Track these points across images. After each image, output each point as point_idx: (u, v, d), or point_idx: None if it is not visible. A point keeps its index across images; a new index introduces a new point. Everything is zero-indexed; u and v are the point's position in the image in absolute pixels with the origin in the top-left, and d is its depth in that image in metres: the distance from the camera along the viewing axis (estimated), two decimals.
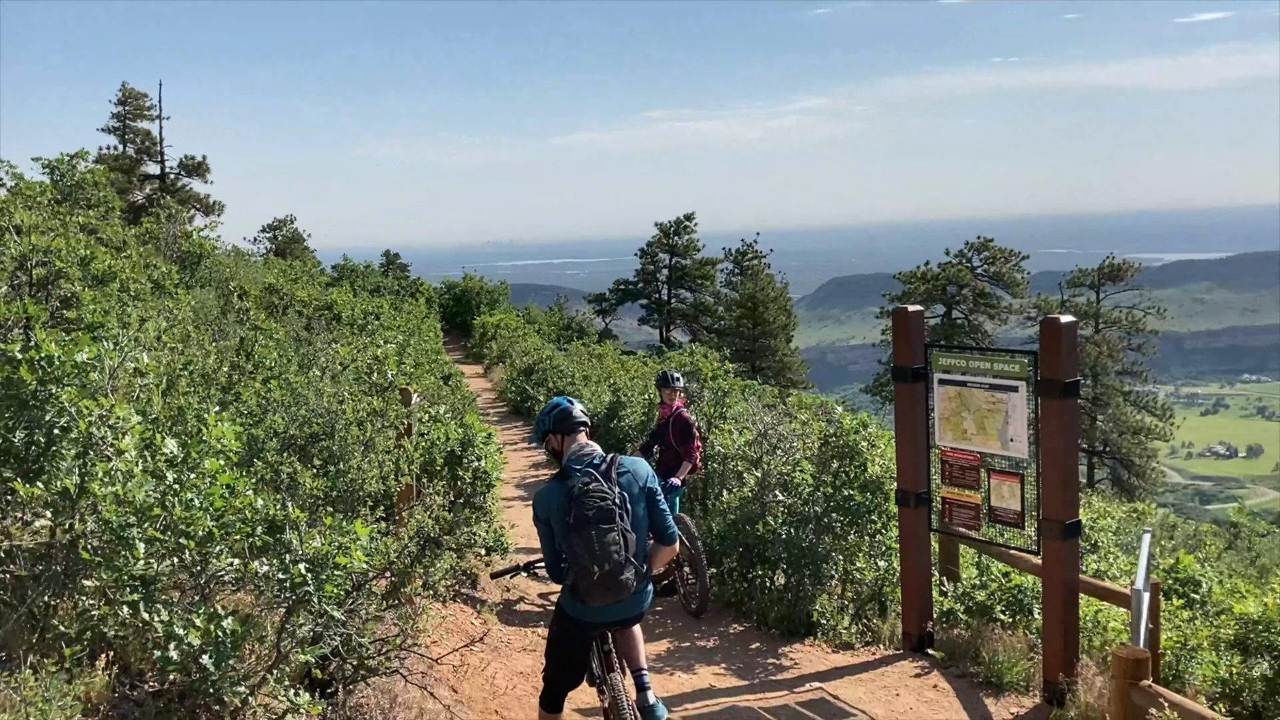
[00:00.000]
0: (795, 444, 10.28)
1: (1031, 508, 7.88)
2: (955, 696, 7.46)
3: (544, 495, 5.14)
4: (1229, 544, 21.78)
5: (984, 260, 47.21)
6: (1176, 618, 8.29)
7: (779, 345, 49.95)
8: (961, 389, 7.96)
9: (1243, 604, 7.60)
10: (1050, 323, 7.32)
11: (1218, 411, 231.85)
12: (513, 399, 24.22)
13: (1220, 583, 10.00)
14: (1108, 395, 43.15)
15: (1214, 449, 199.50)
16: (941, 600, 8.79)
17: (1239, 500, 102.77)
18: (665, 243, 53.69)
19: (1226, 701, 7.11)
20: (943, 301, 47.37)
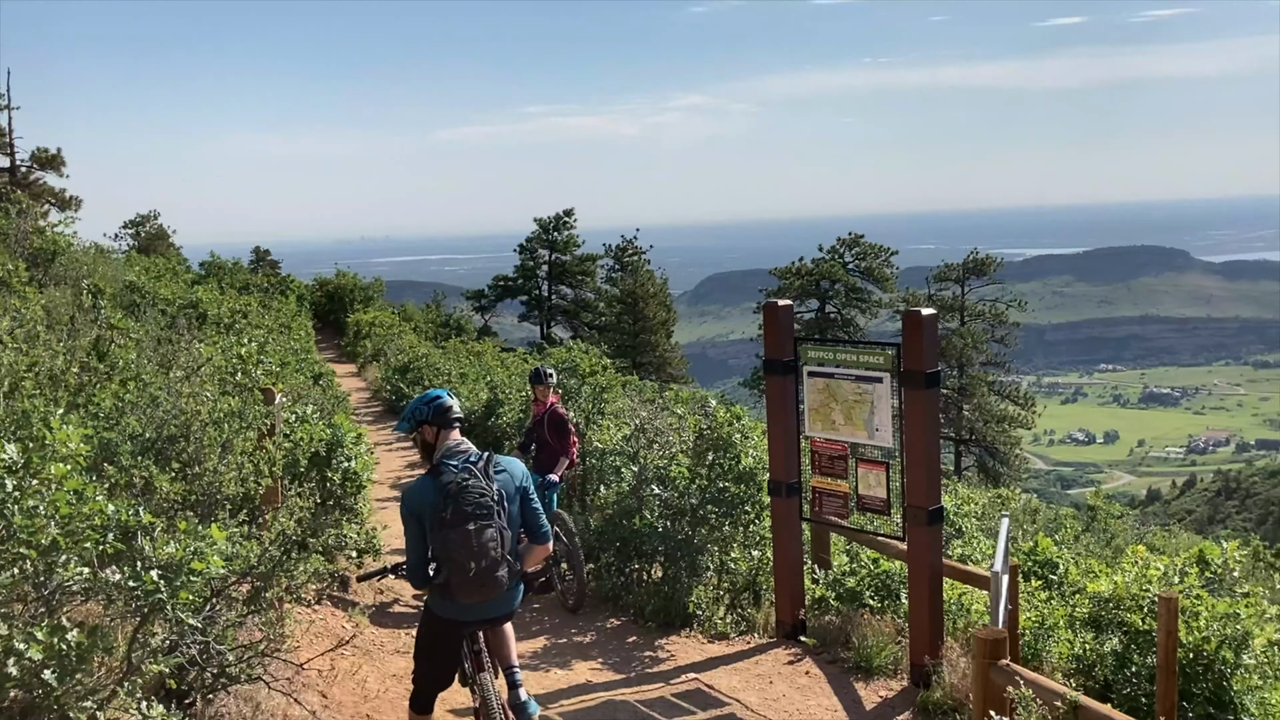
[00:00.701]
0: (671, 438, 10.35)
1: (897, 495, 8.11)
2: (827, 682, 7.62)
3: (416, 490, 5.04)
4: (1086, 526, 22.79)
5: (855, 256, 48.40)
6: (1035, 598, 8.63)
7: (659, 341, 50.31)
8: (830, 381, 8.12)
9: (1095, 584, 7.95)
10: (911, 316, 7.53)
11: (1077, 400, 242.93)
12: (387, 398, 23.80)
13: (1076, 564, 10.45)
14: (973, 385, 44.71)
15: (1074, 436, 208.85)
16: (813, 588, 8.98)
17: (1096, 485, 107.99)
18: (545, 239, 53.52)
19: (1080, 676, 7.44)
20: (816, 296, 48.38)
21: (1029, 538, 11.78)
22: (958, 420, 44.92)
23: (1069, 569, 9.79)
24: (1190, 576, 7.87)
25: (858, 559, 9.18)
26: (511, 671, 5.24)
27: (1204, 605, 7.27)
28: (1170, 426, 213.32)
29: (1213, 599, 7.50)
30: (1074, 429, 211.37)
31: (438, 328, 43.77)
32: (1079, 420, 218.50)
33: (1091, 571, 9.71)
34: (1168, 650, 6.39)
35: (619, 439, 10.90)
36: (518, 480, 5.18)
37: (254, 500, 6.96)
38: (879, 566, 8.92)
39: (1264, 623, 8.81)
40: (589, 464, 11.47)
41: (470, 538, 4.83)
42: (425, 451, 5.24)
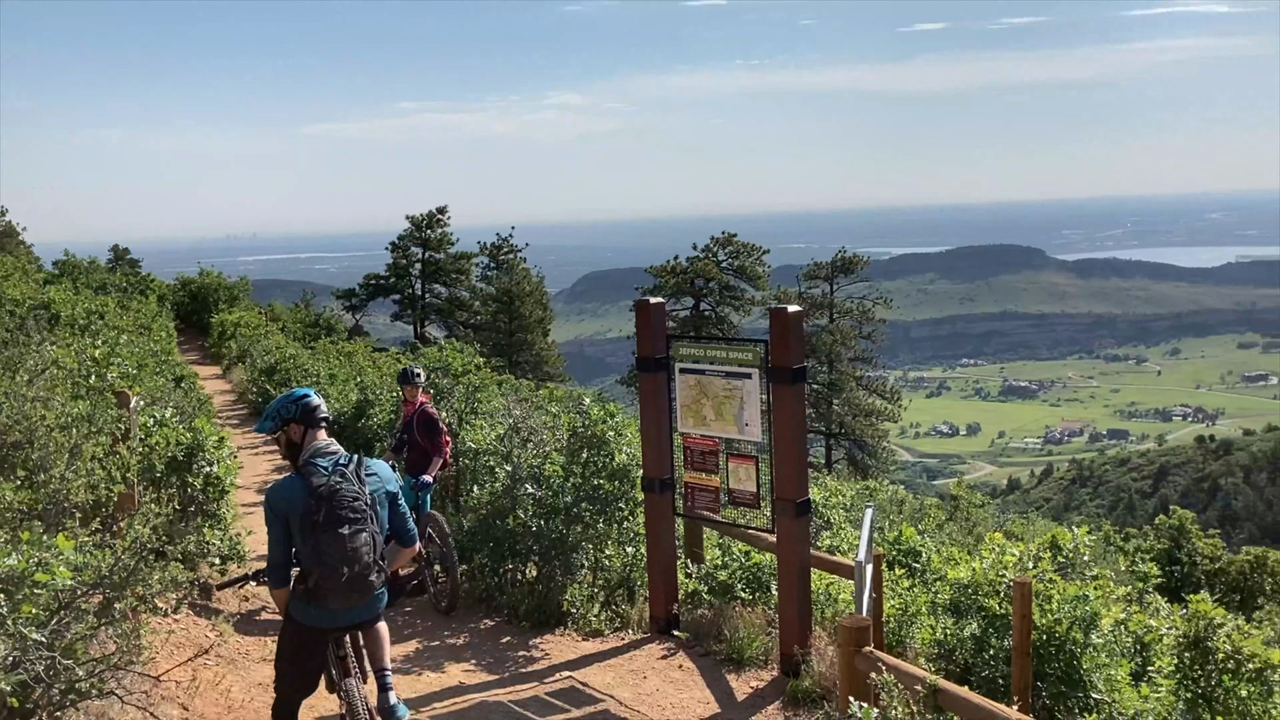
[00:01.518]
0: (545, 437, 10.32)
1: (767, 489, 8.26)
2: (699, 675, 7.71)
3: (284, 491, 4.90)
4: (950, 515, 23.67)
5: (729, 255, 49.07)
6: (899, 586, 8.89)
7: (536, 339, 50.12)
8: (701, 377, 8.22)
9: (956, 571, 8.25)
10: (779, 313, 7.67)
11: (941, 394, 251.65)
12: (253, 401, 23.10)
13: (938, 552, 10.81)
14: (842, 380, 45.85)
15: (938, 428, 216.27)
16: (687, 582, 9.07)
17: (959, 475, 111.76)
18: (417, 236, 52.73)
19: (943, 660, 7.70)
20: (692, 294, 48.89)
21: (894, 528, 12.13)
22: (828, 414, 45.98)
23: (931, 557, 10.12)
24: (1044, 562, 8.22)
25: (730, 552, 9.31)
26: (383, 674, 5.14)
27: (1056, 589, 7.61)
28: (1029, 418, 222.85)
29: (1064, 582, 7.85)
30: (939, 422, 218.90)
31: (307, 328, 42.67)
32: (943, 413, 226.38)
33: (952, 559, 10.08)
34: (1022, 633, 6.68)
35: (493, 438, 10.81)
36: (387, 484, 5.12)
37: (107, 508, 6.68)
38: (750, 559, 9.07)
39: (1111, 604, 9.28)
40: (462, 464, 11.36)
41: (344, 542, 4.74)
42: (290, 451, 5.10)
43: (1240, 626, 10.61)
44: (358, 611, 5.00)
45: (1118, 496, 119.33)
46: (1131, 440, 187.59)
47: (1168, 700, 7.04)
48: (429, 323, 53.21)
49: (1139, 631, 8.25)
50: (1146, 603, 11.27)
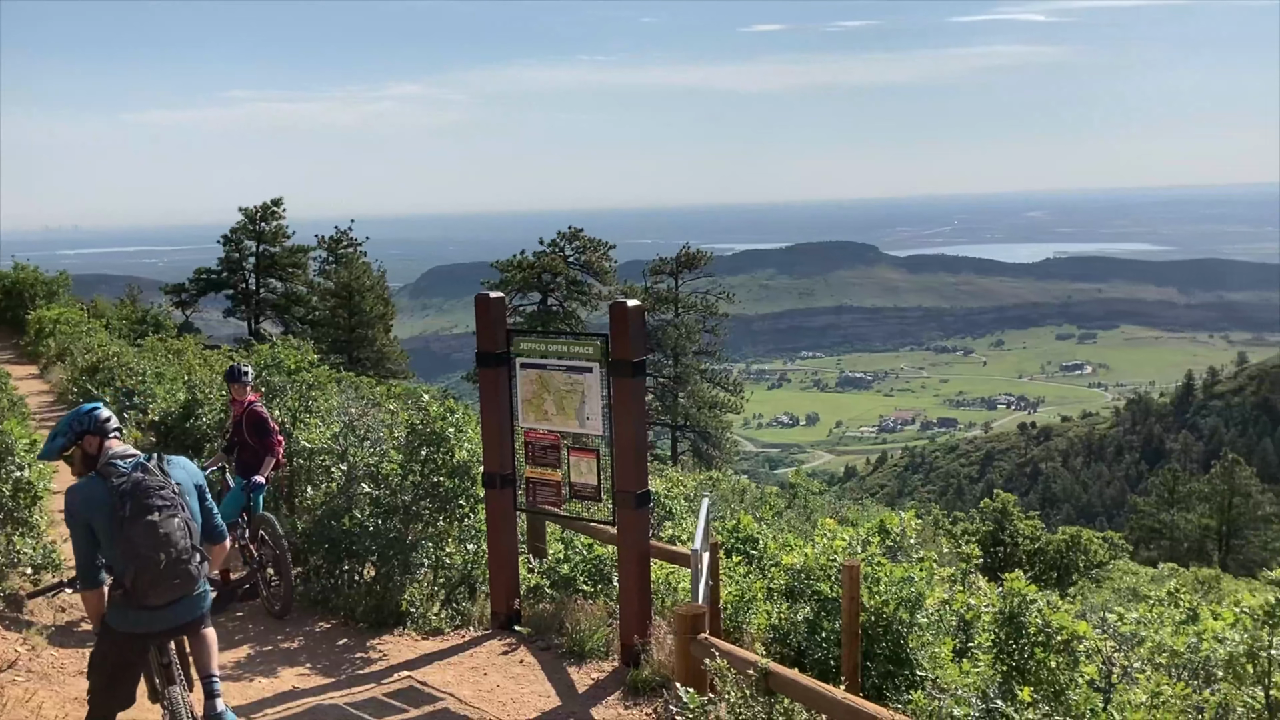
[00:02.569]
0: (383, 434, 10.13)
1: (607, 481, 8.32)
2: (540, 669, 7.72)
3: (83, 494, 4.68)
4: (788, 503, 24.31)
5: (575, 249, 49.15)
6: (736, 573, 9.11)
7: (377, 335, 49.07)
8: (542, 372, 8.21)
9: (790, 556, 8.48)
10: (619, 307, 7.73)
11: (782, 385, 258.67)
12: (74, 401, 21.86)
13: (774, 539, 11.11)
14: (687, 374, 46.56)
15: (780, 419, 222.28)
16: (529, 578, 9.06)
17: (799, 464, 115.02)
18: (252, 229, 50.85)
19: (778, 645, 7.92)
20: (539, 289, 48.76)
21: (734, 516, 12.39)
22: (674, 407, 46.63)
23: (768, 544, 10.39)
24: (872, 546, 8.54)
25: (572, 546, 9.34)
26: (210, 681, 4.95)
27: (884, 571, 7.92)
28: (864, 408, 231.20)
29: (892, 565, 8.18)
30: (780, 413, 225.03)
31: (133, 325, 40.58)
32: (784, 404, 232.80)
33: (788, 545, 10.36)
34: (851, 614, 6.93)
35: (328, 437, 10.54)
36: (193, 477, 4.98)
37: None
38: (592, 552, 9.12)
39: (935, 584, 9.72)
40: (296, 464, 11.03)
41: (155, 528, 4.59)
42: (86, 463, 4.92)
43: (1054, 602, 11.29)
44: (181, 610, 4.81)
45: (948, 482, 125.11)
46: (960, 428, 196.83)
47: (987, 674, 7.40)
48: (264, 319, 51.41)
49: (961, 610, 8.66)
50: (969, 582, 11.82)
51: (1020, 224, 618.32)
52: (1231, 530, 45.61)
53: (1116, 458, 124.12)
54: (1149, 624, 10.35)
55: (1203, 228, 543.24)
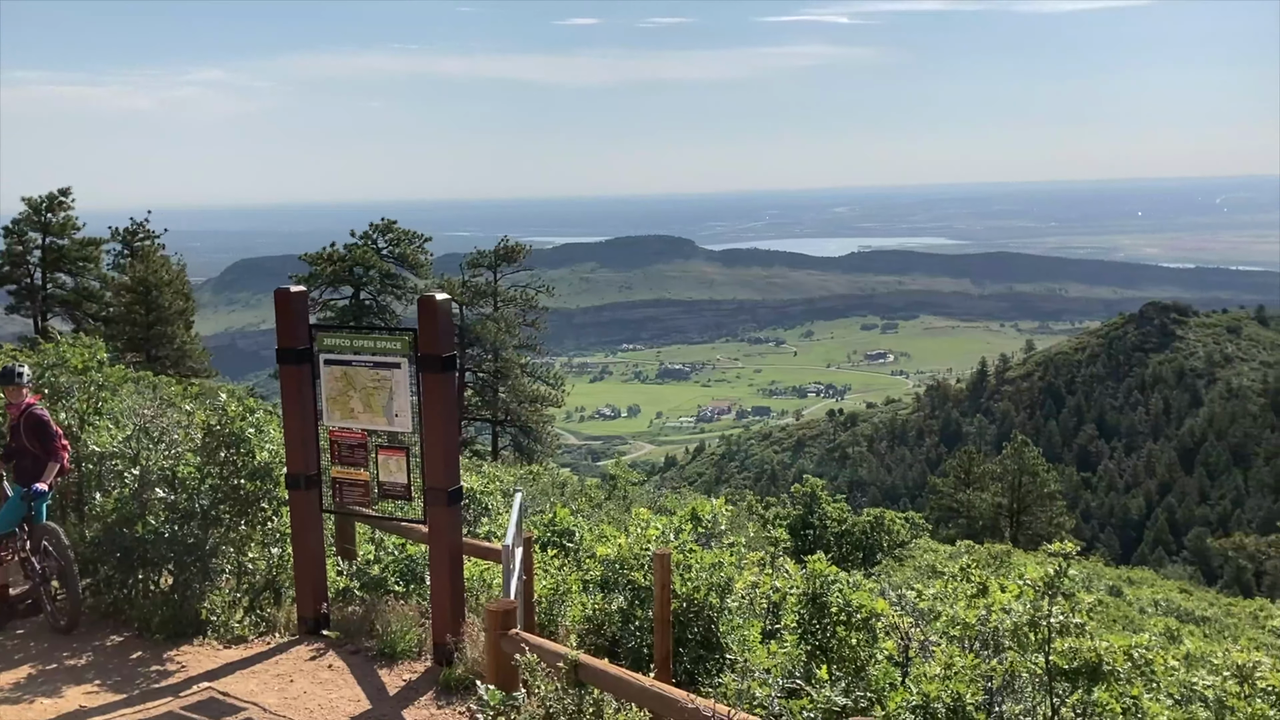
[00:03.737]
0: (179, 436, 9.63)
1: (418, 479, 8.17)
2: (350, 673, 7.52)
3: None
4: (608, 495, 24.51)
5: (389, 242, 48.02)
6: (551, 566, 9.11)
7: (178, 332, 46.65)
8: (347, 368, 7.98)
9: (604, 547, 8.55)
10: (427, 301, 7.59)
11: (603, 378, 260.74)
12: None
13: (591, 530, 11.18)
14: (507, 368, 46.25)
15: (602, 411, 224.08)
16: (338, 580, 8.81)
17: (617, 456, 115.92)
18: (37, 221, 47.47)
19: (593, 636, 7.97)
20: (351, 283, 47.41)
21: (551, 510, 12.39)
22: (494, 402, 46.24)
23: (584, 536, 10.44)
24: (684, 533, 8.70)
25: (383, 546, 9.14)
26: None
27: (695, 558, 8.08)
28: (683, 399, 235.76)
29: (703, 551, 8.34)
30: (602, 405, 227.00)
31: None
32: (606, 397, 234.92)
33: (604, 536, 10.44)
34: (662, 602, 7.03)
35: (119, 440, 9.94)
36: None
37: None
38: (404, 552, 8.95)
39: (745, 569, 9.99)
40: (85, 470, 10.36)
41: None
42: None
43: (856, 581, 11.78)
44: None
45: (762, 468, 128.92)
46: (773, 416, 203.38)
47: (794, 653, 7.65)
48: (52, 315, 48.10)
49: (769, 592, 8.92)
50: (778, 565, 12.20)
51: (828, 219, 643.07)
52: (1021, 507, 48.67)
53: (918, 441, 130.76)
54: (944, 599, 10.94)
55: (994, 223, 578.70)
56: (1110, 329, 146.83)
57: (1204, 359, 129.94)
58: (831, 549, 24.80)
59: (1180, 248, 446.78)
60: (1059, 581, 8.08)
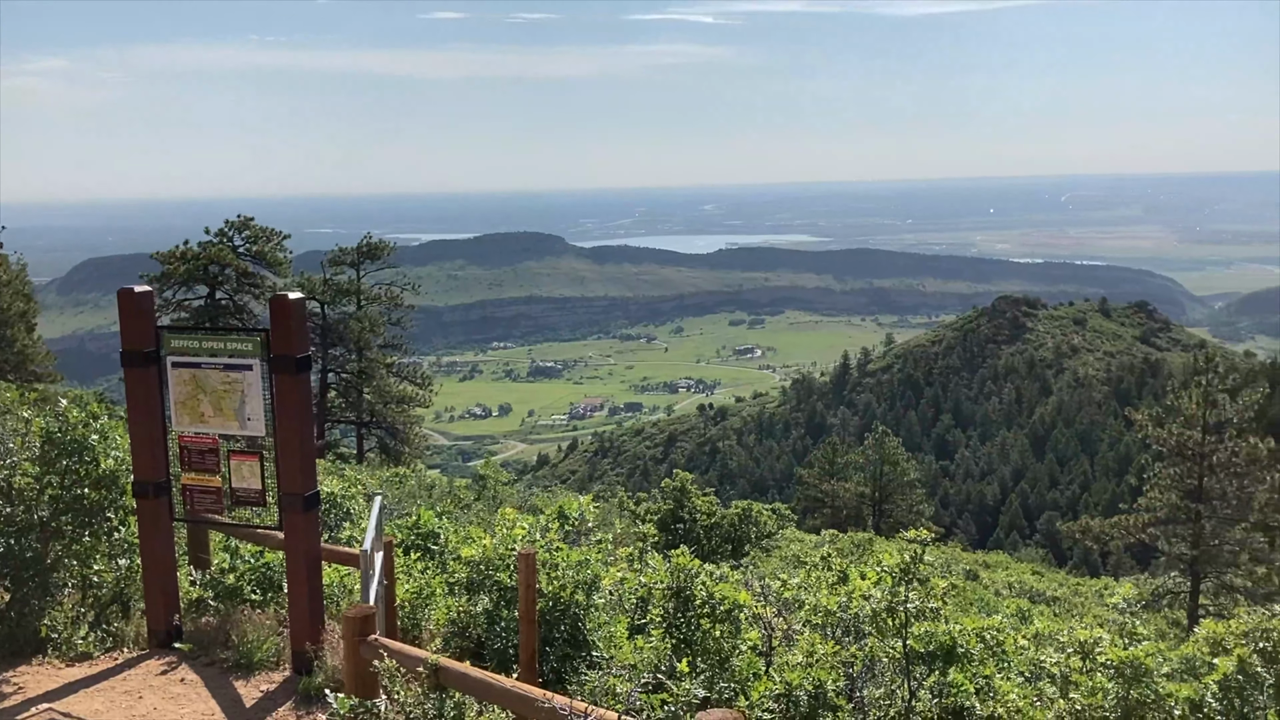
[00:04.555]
0: (14, 445, 9.11)
1: (273, 485, 7.93)
2: (204, 686, 7.25)
3: None
4: (478, 495, 24.27)
5: (246, 239, 46.44)
6: (415, 570, 8.96)
7: (18, 335, 44.14)
8: (196, 371, 7.68)
9: (469, 548, 8.45)
10: (279, 300, 7.36)
11: (474, 377, 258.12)
12: None
13: (456, 532, 11.03)
14: (372, 368, 45.31)
15: (472, 410, 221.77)
16: (191, 590, 8.48)
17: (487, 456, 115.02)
18: None
19: (458, 638, 7.86)
20: (206, 282, 45.68)
21: (415, 512, 12.20)
22: (359, 403, 45.26)
23: (449, 537, 10.30)
24: (551, 532, 8.67)
25: (239, 554, 8.84)
26: None
27: (561, 556, 8.05)
28: (555, 397, 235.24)
29: (569, 549, 8.33)
30: (472, 404, 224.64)
31: None
32: (476, 396, 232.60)
33: (469, 538, 10.33)
34: (527, 602, 6.98)
35: None
36: None
37: None
38: (261, 559, 8.67)
39: (612, 565, 10.02)
40: None
41: None
42: None
43: (725, 574, 11.95)
44: None
45: (635, 464, 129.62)
46: (645, 412, 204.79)
47: (660, 648, 7.72)
48: None
49: (635, 588, 8.97)
50: (646, 561, 12.28)
51: (696, 216, 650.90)
52: (883, 496, 50.18)
53: (785, 434, 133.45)
54: (808, 588, 11.18)
55: (855, 220, 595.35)
56: (965, 322, 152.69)
57: (1052, 350, 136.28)
58: (701, 542, 25.10)
59: (1029, 243, 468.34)
60: (915, 568, 8.36)
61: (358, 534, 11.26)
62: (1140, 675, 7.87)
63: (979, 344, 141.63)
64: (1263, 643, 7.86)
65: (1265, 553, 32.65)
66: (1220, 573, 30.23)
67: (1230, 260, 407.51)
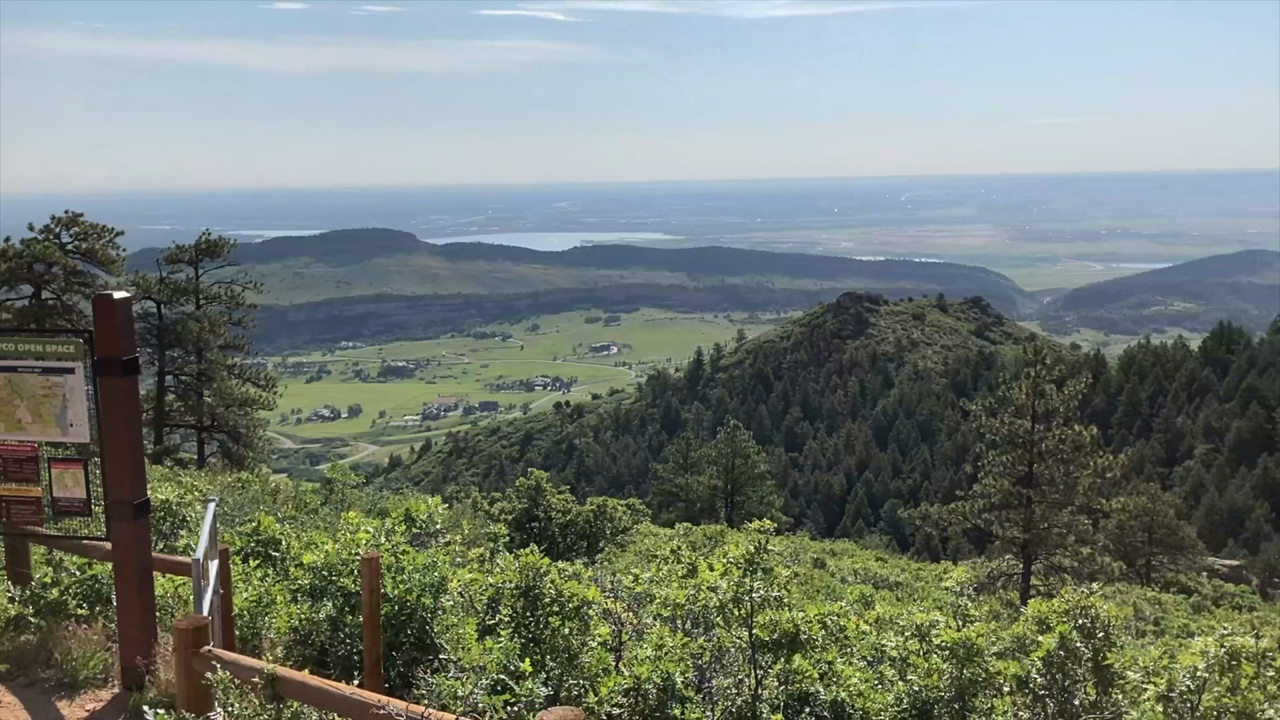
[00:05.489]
0: None
1: (99, 493, 7.55)
2: (24, 709, 6.86)
3: None
4: (325, 499, 23.64)
5: (74, 236, 44.04)
6: (254, 577, 8.67)
7: None
8: (12, 375, 7.24)
9: (311, 554, 8.22)
10: (102, 300, 7.01)
11: (322, 378, 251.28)
12: None
13: (299, 537, 10.73)
14: (213, 370, 43.63)
15: (320, 412, 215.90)
16: (9, 607, 8.00)
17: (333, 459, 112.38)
18: None
19: (300, 646, 7.64)
20: (30, 281, 43.12)
21: (254, 519, 11.80)
22: (198, 407, 43.52)
23: (291, 544, 10.01)
24: (397, 535, 8.52)
25: (62, 567, 8.39)
26: None
27: (408, 559, 7.92)
28: (408, 397, 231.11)
29: (415, 552, 8.20)
30: (320, 406, 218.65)
31: None
32: (324, 397, 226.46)
33: (312, 543, 10.06)
34: (371, 606, 6.85)
35: None
36: None
37: None
38: (88, 571, 8.25)
39: (463, 566, 9.92)
40: None
41: None
42: None
43: (577, 571, 11.97)
44: None
45: (490, 464, 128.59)
46: (501, 410, 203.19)
47: (509, 648, 7.68)
48: None
49: (485, 588, 8.90)
50: (497, 561, 12.21)
51: (551, 214, 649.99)
52: (735, 488, 51.18)
53: (641, 430, 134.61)
54: (659, 582, 11.32)
55: (707, 219, 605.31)
56: (811, 318, 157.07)
57: (894, 344, 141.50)
58: (556, 540, 25.10)
59: (871, 242, 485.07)
60: (759, 558, 8.56)
61: (195, 542, 10.83)
62: (973, 655, 8.25)
63: (825, 339, 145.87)
64: (1082, 619, 8.32)
65: (1089, 534, 34.70)
66: (1049, 554, 31.92)
67: (1057, 257, 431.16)
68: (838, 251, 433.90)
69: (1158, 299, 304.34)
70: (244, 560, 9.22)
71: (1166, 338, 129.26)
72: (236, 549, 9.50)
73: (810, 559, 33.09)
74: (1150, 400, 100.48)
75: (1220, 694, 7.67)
